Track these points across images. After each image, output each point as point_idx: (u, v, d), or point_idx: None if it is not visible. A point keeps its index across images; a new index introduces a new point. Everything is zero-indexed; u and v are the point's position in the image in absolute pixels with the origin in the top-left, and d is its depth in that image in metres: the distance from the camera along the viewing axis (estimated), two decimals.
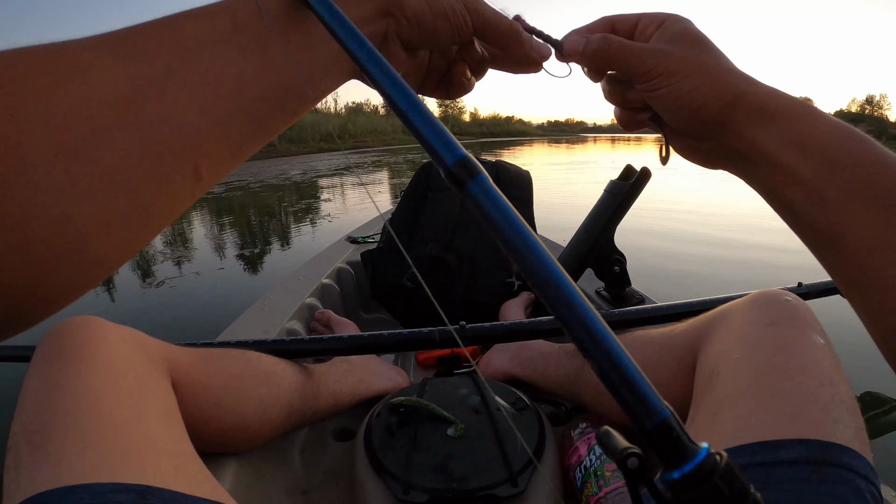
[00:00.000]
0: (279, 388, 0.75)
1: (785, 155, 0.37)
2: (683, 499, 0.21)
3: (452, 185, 0.25)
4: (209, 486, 0.49)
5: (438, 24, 0.38)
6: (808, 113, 0.38)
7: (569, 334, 0.22)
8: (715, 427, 0.51)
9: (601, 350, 0.22)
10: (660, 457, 0.21)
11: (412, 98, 0.29)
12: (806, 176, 0.36)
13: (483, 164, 1.42)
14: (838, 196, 0.35)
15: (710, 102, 0.39)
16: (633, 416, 0.21)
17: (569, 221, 1.62)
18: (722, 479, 0.20)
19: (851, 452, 0.45)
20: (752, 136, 0.39)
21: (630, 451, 0.22)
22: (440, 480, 0.65)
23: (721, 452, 0.21)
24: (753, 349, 0.56)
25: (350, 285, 1.54)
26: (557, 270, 0.23)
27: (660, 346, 0.72)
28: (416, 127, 0.28)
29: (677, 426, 0.21)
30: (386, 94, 0.30)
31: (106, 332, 0.55)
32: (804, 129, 0.37)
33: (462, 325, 0.83)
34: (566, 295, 0.22)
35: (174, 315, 3.03)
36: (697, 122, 0.41)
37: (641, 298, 1.12)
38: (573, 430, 0.78)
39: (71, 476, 0.41)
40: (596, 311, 0.22)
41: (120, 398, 0.49)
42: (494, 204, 0.24)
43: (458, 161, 0.25)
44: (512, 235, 0.24)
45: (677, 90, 0.40)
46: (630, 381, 0.22)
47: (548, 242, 1.64)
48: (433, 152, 0.27)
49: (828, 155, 0.36)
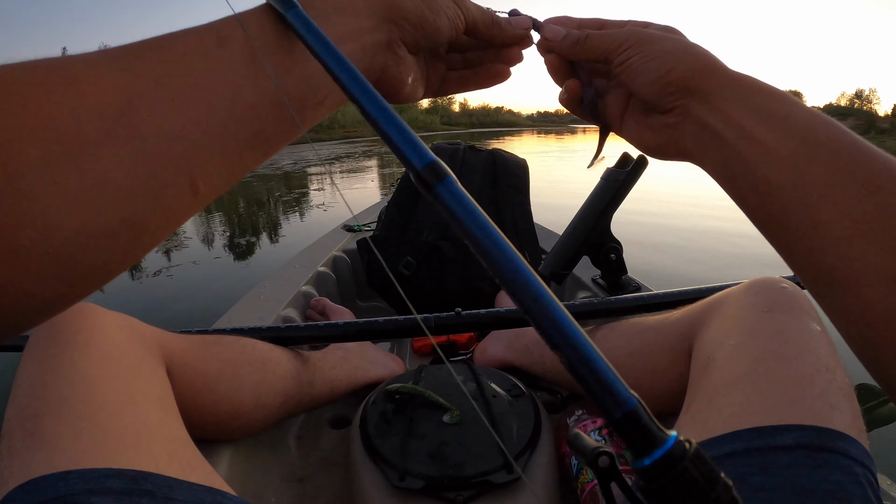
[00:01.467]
0: (274, 374, 0.75)
1: (761, 129, 0.35)
2: (654, 486, 0.21)
3: (421, 187, 0.27)
4: (203, 472, 0.49)
5: (439, 22, 0.39)
6: (783, 94, 0.37)
7: (536, 328, 0.23)
8: (711, 413, 0.51)
9: (567, 342, 0.22)
10: (629, 445, 0.22)
11: (381, 103, 0.30)
12: (784, 154, 0.34)
13: (479, 151, 1.42)
14: (818, 179, 0.33)
15: (680, 66, 0.39)
16: (601, 405, 0.22)
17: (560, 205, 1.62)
18: (691, 464, 0.21)
19: (848, 439, 0.45)
20: (725, 107, 0.37)
21: (600, 451, 0.23)
22: (436, 467, 0.65)
23: (690, 440, 0.21)
24: (750, 335, 0.56)
25: (346, 273, 1.53)
26: (523, 266, 0.24)
27: (655, 333, 0.72)
28: (385, 132, 0.29)
29: (645, 415, 0.21)
30: (355, 100, 0.30)
31: (100, 318, 0.55)
32: (782, 106, 0.36)
33: (458, 311, 0.83)
34: (533, 290, 0.23)
35: (172, 304, 3.03)
36: (667, 87, 0.40)
37: (637, 286, 1.12)
38: (569, 418, 0.78)
39: (63, 462, 0.41)
40: (562, 305, 0.23)
41: (114, 384, 0.49)
42: (462, 205, 0.26)
43: (426, 165, 0.26)
44: (479, 235, 0.25)
45: (649, 55, 0.40)
46: (596, 372, 0.22)
47: (543, 230, 1.64)
48: (402, 157, 0.28)
49: (808, 136, 0.34)
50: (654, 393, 0.69)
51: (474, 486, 0.63)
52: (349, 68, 0.30)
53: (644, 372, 0.71)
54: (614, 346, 0.77)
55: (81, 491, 0.40)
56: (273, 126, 0.33)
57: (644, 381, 0.70)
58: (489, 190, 1.35)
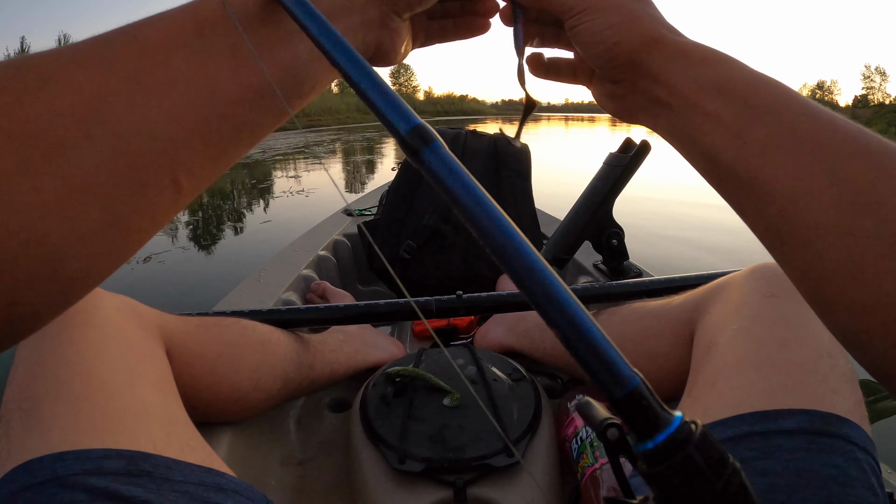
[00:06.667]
0: (274, 356, 0.75)
1: (704, 97, 0.36)
2: (658, 470, 0.20)
3: (407, 153, 0.25)
4: (203, 453, 0.49)
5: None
6: (727, 60, 0.37)
7: (532, 303, 0.22)
8: (713, 397, 0.51)
9: (565, 318, 0.21)
10: (632, 427, 0.21)
11: (364, 67, 0.28)
12: (726, 119, 0.34)
13: (481, 136, 1.41)
14: (760, 140, 0.33)
15: (625, 41, 0.39)
16: (602, 385, 0.21)
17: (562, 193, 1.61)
18: (697, 448, 0.20)
19: (850, 423, 0.45)
20: (669, 78, 0.38)
21: (610, 422, 0.22)
22: (436, 450, 0.65)
23: (696, 421, 0.20)
24: (752, 320, 0.55)
25: (346, 257, 1.53)
26: (519, 238, 0.22)
27: (657, 317, 0.72)
28: (369, 97, 0.27)
29: (649, 394, 0.20)
30: (337, 64, 0.29)
31: (100, 299, 0.54)
32: (724, 73, 0.36)
33: (459, 294, 0.83)
34: (528, 263, 0.22)
35: (164, 290, 3.02)
36: (613, 61, 0.40)
37: (639, 272, 1.12)
38: (569, 402, 0.77)
39: (61, 442, 0.41)
40: (560, 279, 0.22)
41: (112, 365, 0.49)
42: (450, 170, 0.24)
43: (412, 128, 0.25)
44: (470, 203, 0.23)
45: (595, 26, 0.39)
46: (597, 349, 0.21)
47: (544, 215, 1.63)
48: (386, 121, 0.26)
49: (750, 100, 0.34)
50: (656, 378, 0.69)
51: (474, 469, 0.63)
52: (330, 32, 0.29)
53: (646, 357, 0.70)
54: (615, 331, 0.77)
55: (79, 471, 0.40)
56: (257, 116, 0.32)
57: (646, 366, 0.70)
58: (491, 175, 1.34)
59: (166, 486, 0.42)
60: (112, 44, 0.27)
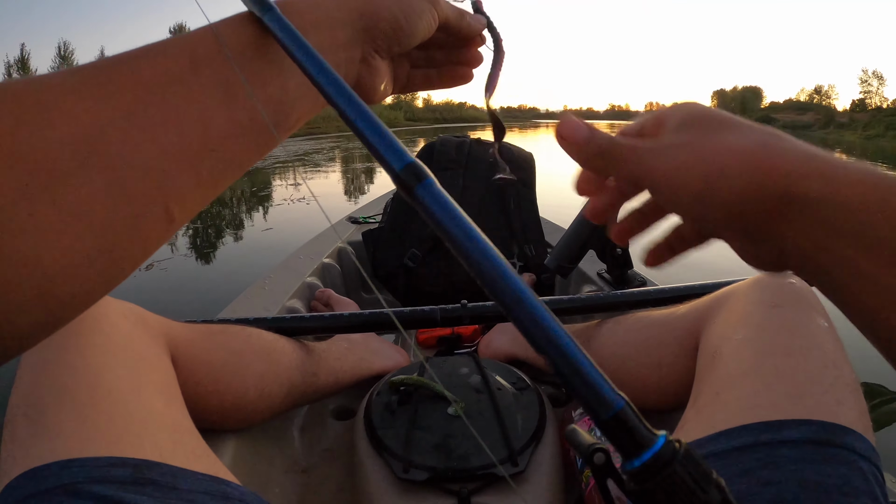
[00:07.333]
0: (279, 365, 0.75)
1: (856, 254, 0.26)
2: (645, 488, 0.21)
3: (401, 189, 0.26)
4: (208, 461, 0.49)
5: (414, 28, 0.39)
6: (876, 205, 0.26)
7: (520, 330, 0.23)
8: (718, 406, 0.51)
9: (553, 345, 0.22)
10: (618, 447, 0.22)
11: (360, 106, 0.29)
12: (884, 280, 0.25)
13: (486, 144, 1.41)
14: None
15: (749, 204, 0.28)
16: (588, 408, 0.22)
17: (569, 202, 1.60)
18: (681, 465, 0.21)
19: (854, 434, 0.45)
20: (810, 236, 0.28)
21: (596, 447, 0.23)
22: (440, 459, 0.64)
23: (679, 440, 0.21)
24: (757, 330, 0.55)
25: (351, 265, 1.53)
26: (505, 268, 0.24)
27: (662, 327, 0.72)
28: (364, 134, 0.28)
29: (633, 416, 0.21)
30: (334, 103, 0.30)
31: (105, 306, 0.55)
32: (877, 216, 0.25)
33: (463, 303, 0.83)
34: (517, 294, 0.23)
35: (167, 297, 3.03)
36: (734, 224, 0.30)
37: (643, 281, 1.12)
38: (574, 411, 0.77)
39: (67, 450, 0.41)
40: (547, 308, 0.23)
41: (118, 372, 0.49)
42: (442, 207, 0.25)
43: (406, 166, 0.26)
44: (460, 236, 0.25)
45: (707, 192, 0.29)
46: (582, 374, 0.22)
47: (548, 224, 1.64)
48: (381, 159, 0.27)
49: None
50: (660, 387, 0.69)
51: (478, 479, 0.63)
52: (327, 71, 0.30)
53: (650, 366, 0.70)
54: (620, 341, 0.77)
55: (85, 479, 0.40)
56: (247, 148, 0.32)
57: (650, 376, 0.70)
58: (495, 182, 1.34)
59: (172, 495, 0.43)
60: (111, 76, 0.28)
